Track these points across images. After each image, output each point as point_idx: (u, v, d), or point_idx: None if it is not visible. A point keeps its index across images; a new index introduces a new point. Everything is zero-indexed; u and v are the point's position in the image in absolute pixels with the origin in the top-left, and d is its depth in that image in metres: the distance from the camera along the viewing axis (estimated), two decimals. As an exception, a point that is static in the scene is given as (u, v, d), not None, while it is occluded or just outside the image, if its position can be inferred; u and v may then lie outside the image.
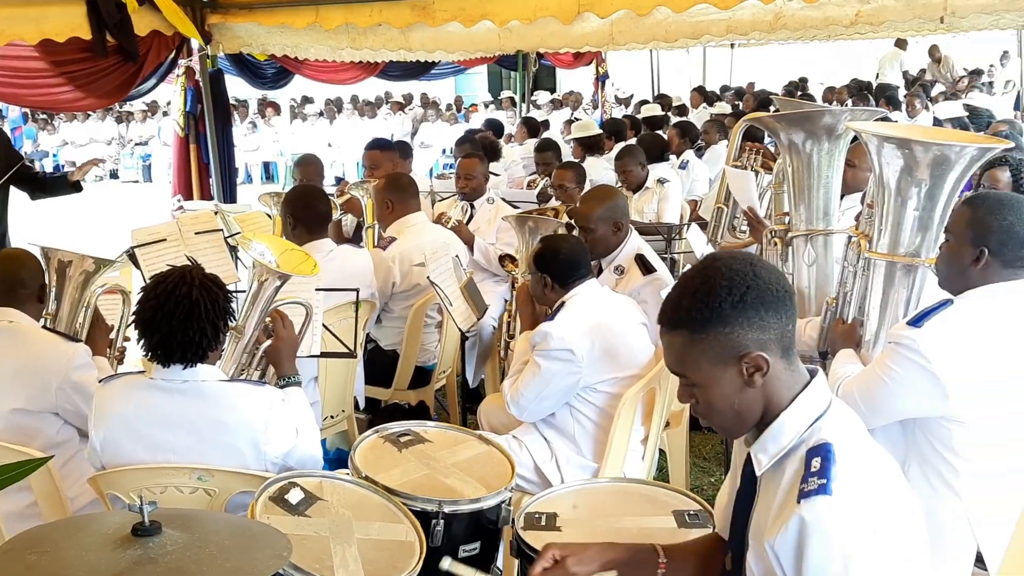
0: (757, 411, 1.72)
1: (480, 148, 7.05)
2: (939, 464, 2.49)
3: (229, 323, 2.56)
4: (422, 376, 4.59)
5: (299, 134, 17.22)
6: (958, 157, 2.57)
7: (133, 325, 2.51)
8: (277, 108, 17.97)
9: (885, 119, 4.00)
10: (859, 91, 13.95)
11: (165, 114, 18.10)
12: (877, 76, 15.71)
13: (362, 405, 4.37)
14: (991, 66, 16.98)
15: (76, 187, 5.27)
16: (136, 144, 18.47)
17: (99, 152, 17.23)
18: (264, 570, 1.55)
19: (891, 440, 2.58)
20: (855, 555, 1.54)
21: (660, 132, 8.52)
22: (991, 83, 15.23)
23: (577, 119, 11.64)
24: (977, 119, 8.90)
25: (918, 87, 13.29)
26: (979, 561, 2.48)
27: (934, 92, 13.69)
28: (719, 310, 1.66)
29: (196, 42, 6.61)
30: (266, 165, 17.44)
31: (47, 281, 3.19)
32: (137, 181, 17.95)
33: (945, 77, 15.25)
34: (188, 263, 2.59)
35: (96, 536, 1.63)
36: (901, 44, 15.25)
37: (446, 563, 1.99)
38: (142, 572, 1.48)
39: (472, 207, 5.58)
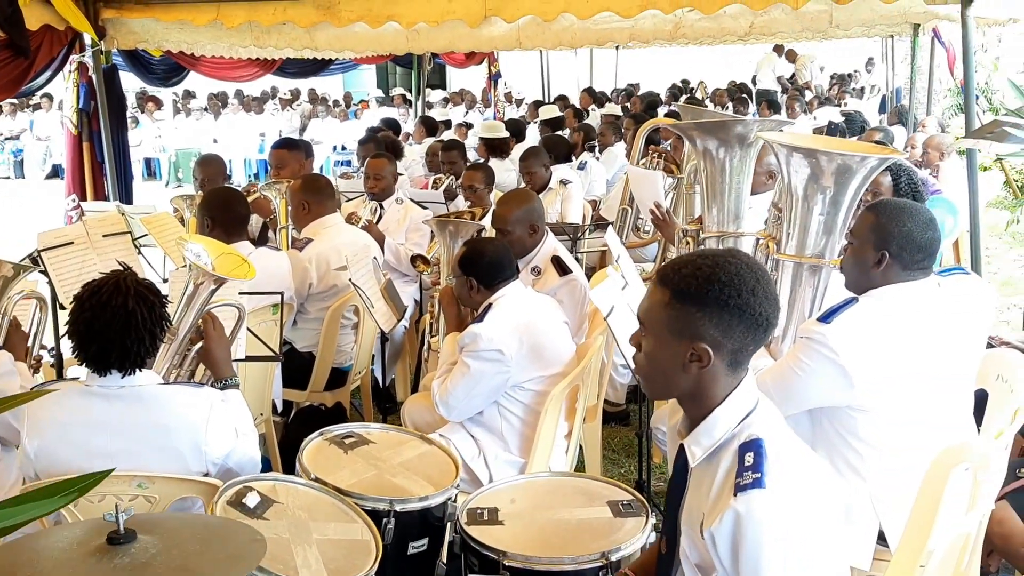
0: (682, 390, 1.85)
1: (383, 148, 7.06)
2: (845, 450, 2.68)
3: (166, 328, 2.55)
4: (338, 377, 4.60)
5: (182, 129, 16.71)
6: (860, 166, 2.78)
7: (67, 336, 2.48)
8: (159, 102, 17.40)
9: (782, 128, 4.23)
10: (739, 94, 14.56)
11: (37, 107, 17.32)
12: (755, 80, 16.36)
13: (279, 408, 4.36)
14: (855, 71, 17.94)
15: None
16: (6, 139, 17.56)
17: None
18: (253, 554, 1.58)
19: (800, 429, 2.75)
20: (787, 543, 1.67)
21: (560, 133, 8.69)
22: (860, 89, 16.10)
23: (469, 124, 11.73)
24: (851, 124, 9.46)
25: (795, 91, 13.95)
26: (881, 539, 2.69)
27: (808, 97, 14.40)
28: (703, 294, 1.78)
29: (89, 37, 6.39)
30: (147, 161, 16.85)
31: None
32: (8, 177, 17.09)
33: (802, 74, 16.04)
34: (101, 270, 2.55)
35: (67, 552, 1.61)
36: (778, 49, 15.94)
37: None
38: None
39: (381, 207, 5.61)
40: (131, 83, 12.56)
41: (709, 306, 1.78)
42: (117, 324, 2.39)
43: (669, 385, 1.87)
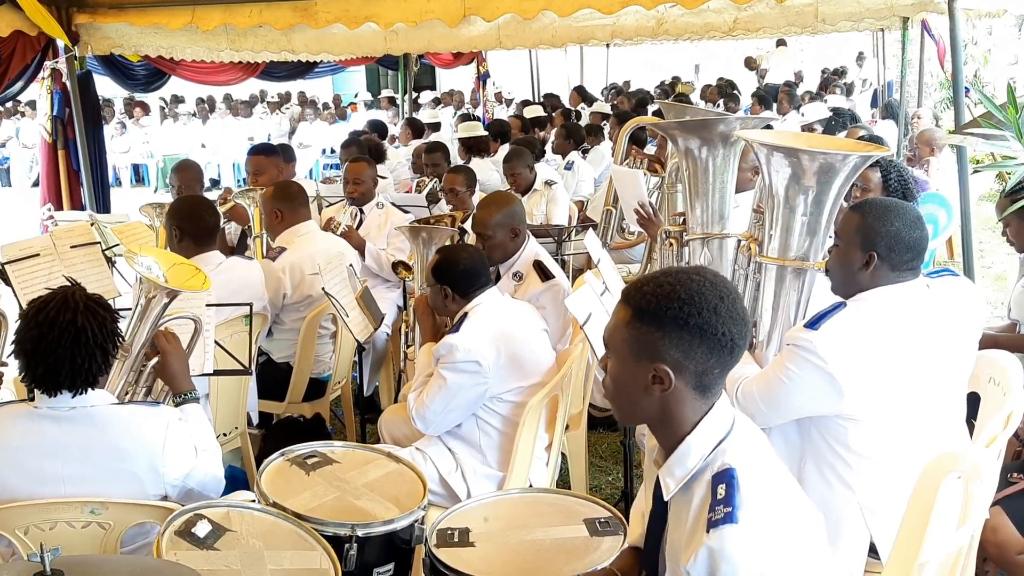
0: (648, 415, 1.76)
1: (365, 151, 6.95)
2: (834, 460, 2.58)
3: (118, 344, 2.44)
4: (317, 388, 4.48)
5: (170, 135, 16.59)
6: (842, 165, 2.67)
7: (13, 354, 2.37)
8: (146, 108, 17.28)
9: (768, 127, 4.13)
10: (730, 90, 14.47)
11: (22, 115, 17.18)
12: (763, 75, 16.19)
13: (255, 421, 4.24)
14: (843, 66, 17.82)
15: None
16: (-9, 146, 17.44)
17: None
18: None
19: (787, 439, 2.67)
20: None
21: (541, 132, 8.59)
22: (850, 84, 15.98)
23: (468, 115, 11.58)
24: (840, 119, 9.36)
25: (786, 87, 13.85)
26: (872, 551, 2.59)
27: (800, 91, 14.31)
28: (662, 314, 1.69)
29: (63, 43, 6.27)
30: (136, 167, 16.74)
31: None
32: (-7, 185, 17.00)
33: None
34: (67, 283, 2.44)
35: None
36: (781, 44, 15.76)
37: None
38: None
39: (362, 212, 5.50)
40: (118, 90, 12.45)
41: (667, 325, 1.69)
42: (66, 341, 2.29)
43: (635, 410, 1.78)
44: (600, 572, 2.03)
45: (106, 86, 9.16)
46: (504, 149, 7.54)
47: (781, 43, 15.67)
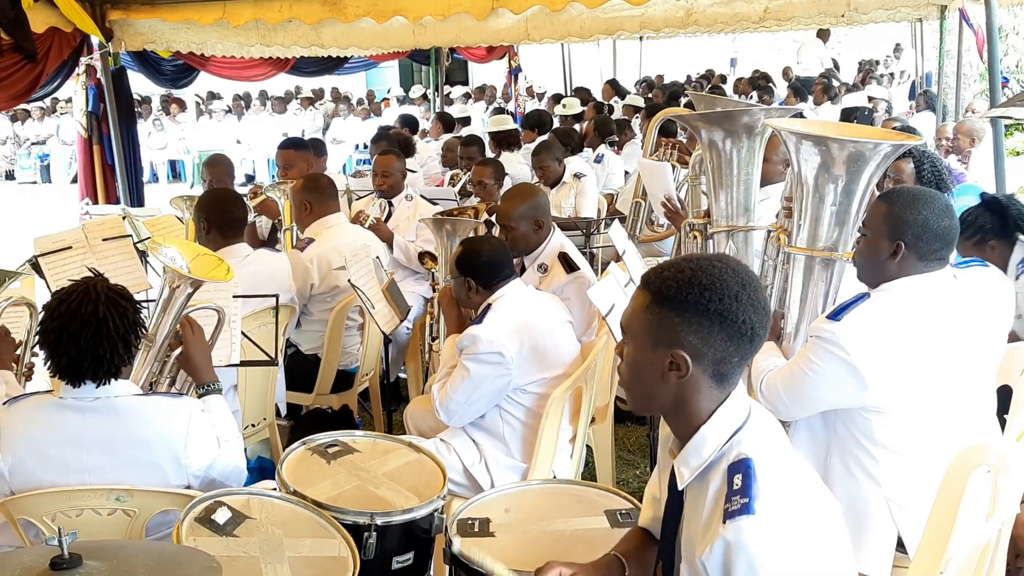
0: (664, 403, 1.74)
1: (395, 145, 6.97)
2: (860, 454, 2.55)
3: (140, 335, 2.46)
4: (345, 380, 4.51)
5: (206, 131, 16.78)
6: (872, 154, 2.63)
7: (38, 344, 2.40)
8: (183, 104, 17.48)
9: (799, 115, 4.08)
10: (764, 83, 14.33)
11: (62, 112, 17.47)
12: (798, 63, 15.96)
13: (283, 412, 4.28)
14: (887, 56, 17.55)
15: None
16: (33, 143, 17.75)
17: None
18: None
19: (813, 432, 2.64)
20: (782, 572, 1.56)
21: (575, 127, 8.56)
22: (891, 74, 15.73)
23: (502, 109, 11.57)
24: (876, 110, 9.23)
25: (822, 79, 13.67)
26: (900, 546, 2.55)
27: (836, 83, 14.13)
28: (682, 299, 1.68)
29: (97, 39, 6.36)
30: (172, 163, 16.96)
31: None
32: (35, 182, 17.29)
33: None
34: (91, 275, 2.47)
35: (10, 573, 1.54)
36: (822, 34, 15.49)
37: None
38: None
39: (391, 205, 5.52)
40: (156, 87, 12.60)
41: (688, 311, 1.67)
42: (88, 332, 2.31)
43: (650, 397, 1.76)
44: (603, 558, 2.01)
45: (144, 83, 9.26)
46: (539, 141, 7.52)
47: (822, 34, 15.35)
